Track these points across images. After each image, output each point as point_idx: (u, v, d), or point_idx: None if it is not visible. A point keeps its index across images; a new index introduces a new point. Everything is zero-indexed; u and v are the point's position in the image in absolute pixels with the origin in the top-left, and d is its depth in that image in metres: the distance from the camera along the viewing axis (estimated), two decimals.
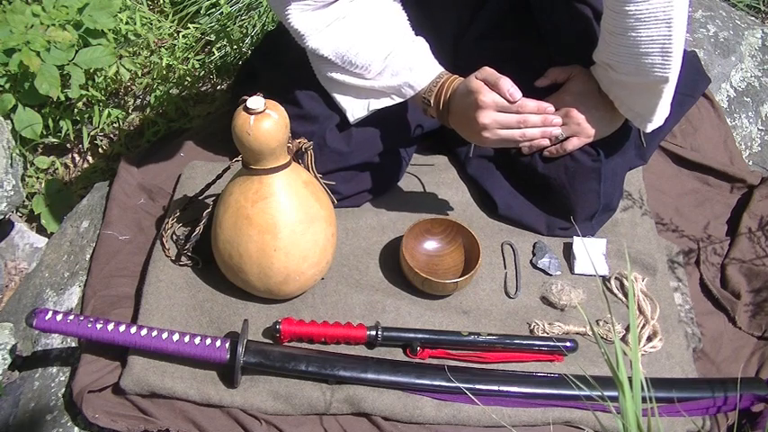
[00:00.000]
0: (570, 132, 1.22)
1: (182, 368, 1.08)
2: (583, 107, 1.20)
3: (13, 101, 1.39)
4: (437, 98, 1.14)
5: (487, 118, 1.08)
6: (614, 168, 1.28)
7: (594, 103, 1.21)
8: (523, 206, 1.33)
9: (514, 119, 1.09)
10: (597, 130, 1.22)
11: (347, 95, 1.19)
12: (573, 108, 1.20)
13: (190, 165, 1.37)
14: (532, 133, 1.12)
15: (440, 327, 1.17)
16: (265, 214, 1.06)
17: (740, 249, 1.36)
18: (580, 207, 1.28)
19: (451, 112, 1.14)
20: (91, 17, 1.47)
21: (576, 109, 1.20)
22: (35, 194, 1.46)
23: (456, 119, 1.14)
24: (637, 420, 0.74)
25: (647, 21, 1.04)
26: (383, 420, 1.07)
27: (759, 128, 1.62)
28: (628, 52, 1.08)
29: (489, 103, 1.07)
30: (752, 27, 1.79)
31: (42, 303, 1.26)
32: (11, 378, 1.17)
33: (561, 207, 1.29)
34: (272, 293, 1.14)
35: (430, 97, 1.15)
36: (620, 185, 1.34)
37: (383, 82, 1.16)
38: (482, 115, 1.08)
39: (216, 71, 1.76)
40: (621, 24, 1.06)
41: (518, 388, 1.09)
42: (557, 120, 1.13)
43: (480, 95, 1.07)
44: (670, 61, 1.07)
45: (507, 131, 1.10)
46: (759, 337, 1.25)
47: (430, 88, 1.15)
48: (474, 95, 1.08)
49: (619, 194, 1.34)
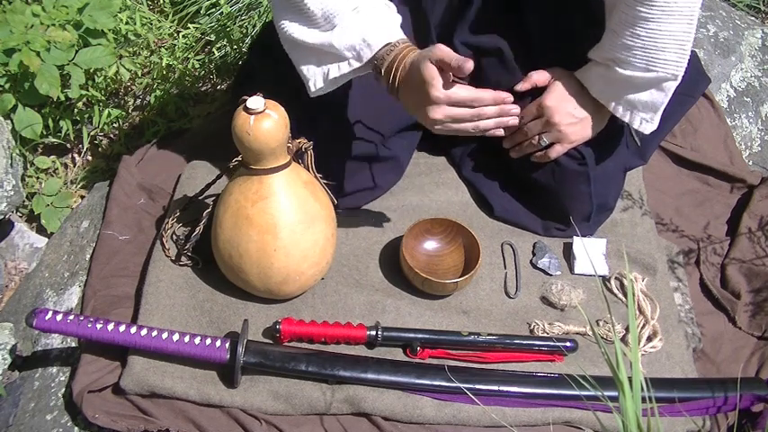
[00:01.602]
0: (553, 139, 1.21)
1: (182, 368, 1.08)
2: (564, 112, 1.19)
3: (13, 101, 1.39)
4: (389, 69, 1.07)
5: (439, 113, 1.05)
6: (605, 170, 1.27)
7: (576, 106, 1.19)
8: (519, 209, 1.33)
9: (468, 113, 1.06)
10: (580, 134, 1.21)
11: (309, 64, 1.12)
12: (554, 114, 1.19)
13: (190, 165, 1.37)
14: (486, 124, 1.09)
15: (440, 327, 1.17)
16: (265, 214, 1.06)
17: (740, 249, 1.36)
18: (573, 209, 1.28)
19: (402, 92, 1.08)
20: (91, 17, 1.46)
21: (557, 114, 1.19)
22: (35, 194, 1.46)
23: (406, 99, 1.09)
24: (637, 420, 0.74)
25: (671, 14, 1.02)
26: (383, 420, 1.07)
27: (759, 128, 1.62)
28: (643, 45, 1.06)
29: (442, 98, 1.03)
30: (752, 27, 1.79)
31: (42, 303, 1.26)
32: (11, 378, 1.17)
33: (555, 210, 1.30)
34: (272, 293, 1.14)
35: (381, 65, 1.07)
36: (616, 185, 1.34)
37: (343, 38, 1.07)
38: (434, 111, 1.05)
39: (216, 71, 1.76)
40: (644, 16, 1.04)
41: (518, 388, 1.09)
42: (515, 109, 1.11)
43: (433, 90, 1.02)
44: (684, 58, 1.07)
45: (459, 125, 1.08)
46: (759, 337, 1.25)
47: (383, 55, 1.07)
48: (426, 88, 1.03)
49: (615, 194, 1.34)
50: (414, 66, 1.04)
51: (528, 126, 1.22)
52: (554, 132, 1.20)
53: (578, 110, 1.19)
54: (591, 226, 1.31)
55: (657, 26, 1.04)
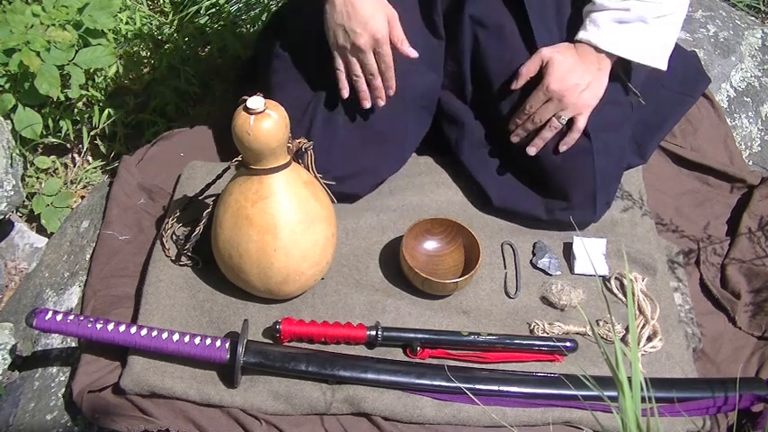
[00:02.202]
0: (572, 113, 1.21)
1: (182, 368, 1.08)
2: (571, 85, 1.19)
3: (13, 101, 1.39)
4: None
5: (364, 42, 1.15)
6: (607, 143, 1.26)
7: (580, 74, 1.20)
8: (519, 193, 1.31)
9: (369, 68, 1.18)
10: (594, 96, 1.21)
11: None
12: (563, 92, 1.19)
13: (190, 165, 1.37)
14: (361, 88, 1.21)
15: (440, 327, 1.17)
16: (265, 214, 1.06)
17: (740, 249, 1.36)
18: (577, 186, 1.26)
19: (347, 1, 1.15)
20: (91, 17, 1.46)
21: (565, 91, 1.19)
22: (35, 194, 1.46)
23: (349, 9, 1.15)
24: (636, 420, 0.74)
25: None
26: (383, 420, 1.07)
27: (759, 128, 1.62)
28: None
29: (382, 38, 1.15)
30: (752, 27, 1.80)
31: (42, 303, 1.26)
32: (11, 378, 1.17)
33: (558, 189, 1.28)
34: (272, 293, 1.14)
35: None
36: (618, 165, 1.32)
37: None
38: (363, 38, 1.14)
39: (216, 71, 1.76)
40: None
41: (518, 388, 1.09)
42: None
43: (394, 28, 1.16)
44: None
45: (353, 67, 1.19)
46: (759, 337, 1.25)
47: None
48: (382, 17, 1.14)
49: (618, 174, 1.32)
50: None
51: (538, 112, 1.22)
52: (570, 107, 1.20)
53: (583, 76, 1.20)
54: (596, 208, 1.28)
55: None
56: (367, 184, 1.31)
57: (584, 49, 1.21)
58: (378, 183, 1.33)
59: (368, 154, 1.28)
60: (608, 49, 1.19)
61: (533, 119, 1.23)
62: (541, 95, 1.21)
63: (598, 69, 1.21)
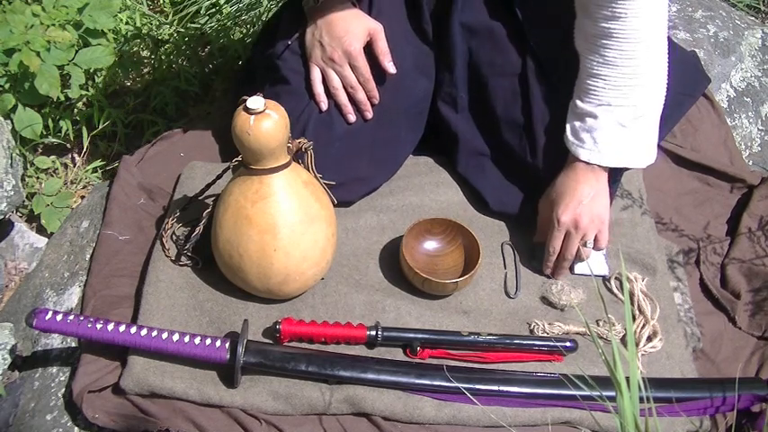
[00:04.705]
0: (593, 232, 1.20)
1: (182, 368, 1.08)
2: (580, 205, 1.18)
3: (13, 101, 1.39)
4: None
5: (338, 55, 1.20)
6: None
7: (582, 194, 1.18)
8: (516, 198, 1.31)
9: (353, 84, 1.22)
10: (604, 200, 1.20)
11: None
12: (577, 218, 1.18)
13: (190, 165, 1.37)
14: (341, 100, 1.24)
15: (440, 327, 1.17)
16: (265, 214, 1.06)
17: (740, 249, 1.36)
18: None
19: (326, 20, 1.19)
20: (91, 17, 1.47)
21: (579, 216, 1.18)
22: (35, 194, 1.46)
23: (326, 27, 1.19)
24: (634, 420, 0.74)
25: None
26: (383, 420, 1.07)
27: (759, 128, 1.62)
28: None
29: (356, 52, 1.19)
30: (752, 27, 1.79)
31: (42, 303, 1.26)
32: (11, 378, 1.17)
33: None
34: (272, 293, 1.14)
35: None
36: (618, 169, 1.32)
37: None
38: (350, 42, 1.19)
39: (216, 71, 1.76)
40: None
41: (518, 388, 1.09)
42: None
43: (378, 40, 1.20)
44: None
45: (331, 78, 1.23)
46: (759, 337, 1.25)
47: None
48: (364, 28, 1.18)
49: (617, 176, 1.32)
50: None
51: (566, 250, 1.21)
52: (589, 229, 1.19)
53: (586, 189, 1.19)
54: None
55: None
56: (360, 191, 1.31)
57: (576, 167, 1.19)
58: (370, 191, 1.33)
59: (361, 162, 1.28)
60: (599, 163, 1.18)
61: (565, 256, 1.22)
62: (558, 233, 1.20)
63: (596, 181, 1.20)
